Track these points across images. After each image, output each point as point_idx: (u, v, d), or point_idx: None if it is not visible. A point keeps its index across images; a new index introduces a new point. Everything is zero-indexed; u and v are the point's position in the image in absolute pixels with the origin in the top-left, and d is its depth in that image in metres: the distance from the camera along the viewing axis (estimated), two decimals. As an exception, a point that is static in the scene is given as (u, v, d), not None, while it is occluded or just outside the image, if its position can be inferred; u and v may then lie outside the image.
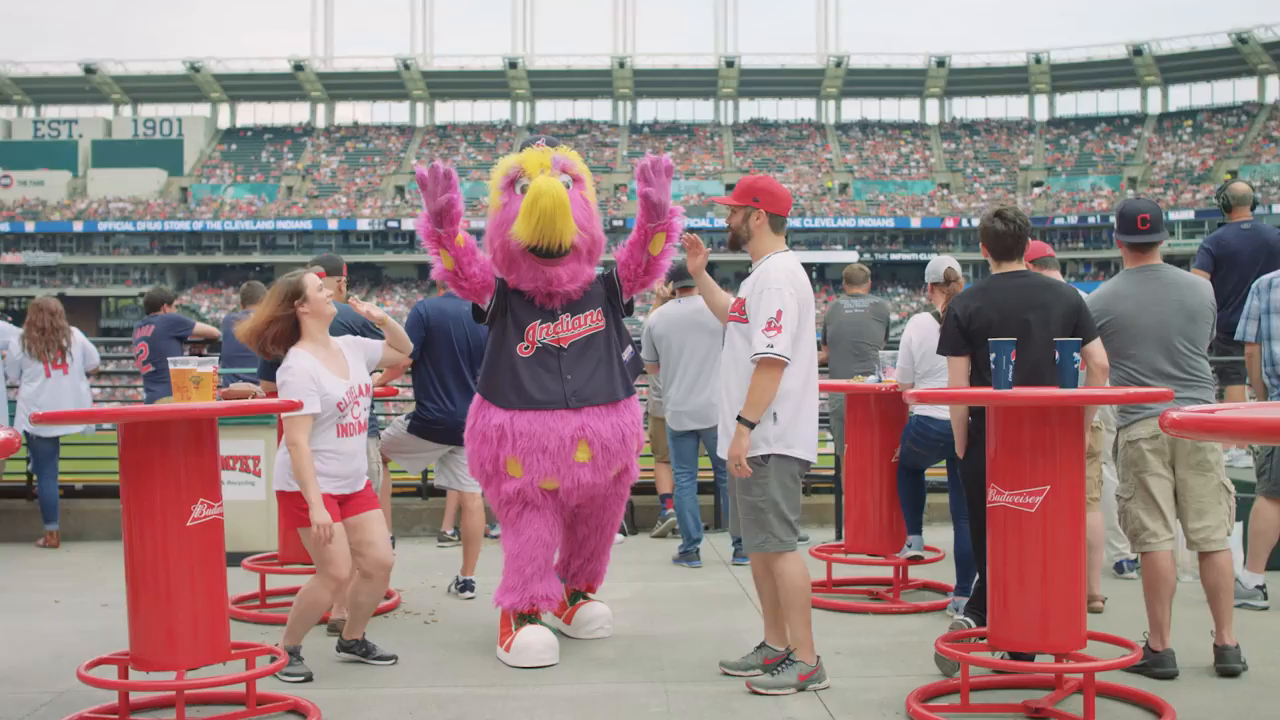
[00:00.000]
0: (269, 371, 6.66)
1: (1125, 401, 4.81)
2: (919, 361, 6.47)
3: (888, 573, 6.98)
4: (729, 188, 76.41)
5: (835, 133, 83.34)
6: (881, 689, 5.11)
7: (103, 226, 75.00)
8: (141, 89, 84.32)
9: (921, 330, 6.46)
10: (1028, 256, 6.62)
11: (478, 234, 5.89)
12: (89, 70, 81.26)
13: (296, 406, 5.00)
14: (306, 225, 74.58)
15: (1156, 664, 5.18)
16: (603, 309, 5.81)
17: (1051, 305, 5.14)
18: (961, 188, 76.07)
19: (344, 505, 5.31)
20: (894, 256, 72.10)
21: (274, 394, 5.95)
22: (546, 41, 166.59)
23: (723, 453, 5.19)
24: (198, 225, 74.77)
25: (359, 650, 5.59)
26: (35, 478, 9.21)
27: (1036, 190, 74.38)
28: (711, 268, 6.14)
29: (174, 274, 74.53)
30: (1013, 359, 4.76)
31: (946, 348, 5.29)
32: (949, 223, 71.27)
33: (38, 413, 4.77)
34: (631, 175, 62.12)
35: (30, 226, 74.82)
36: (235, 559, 7.22)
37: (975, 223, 71.92)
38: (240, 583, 7.09)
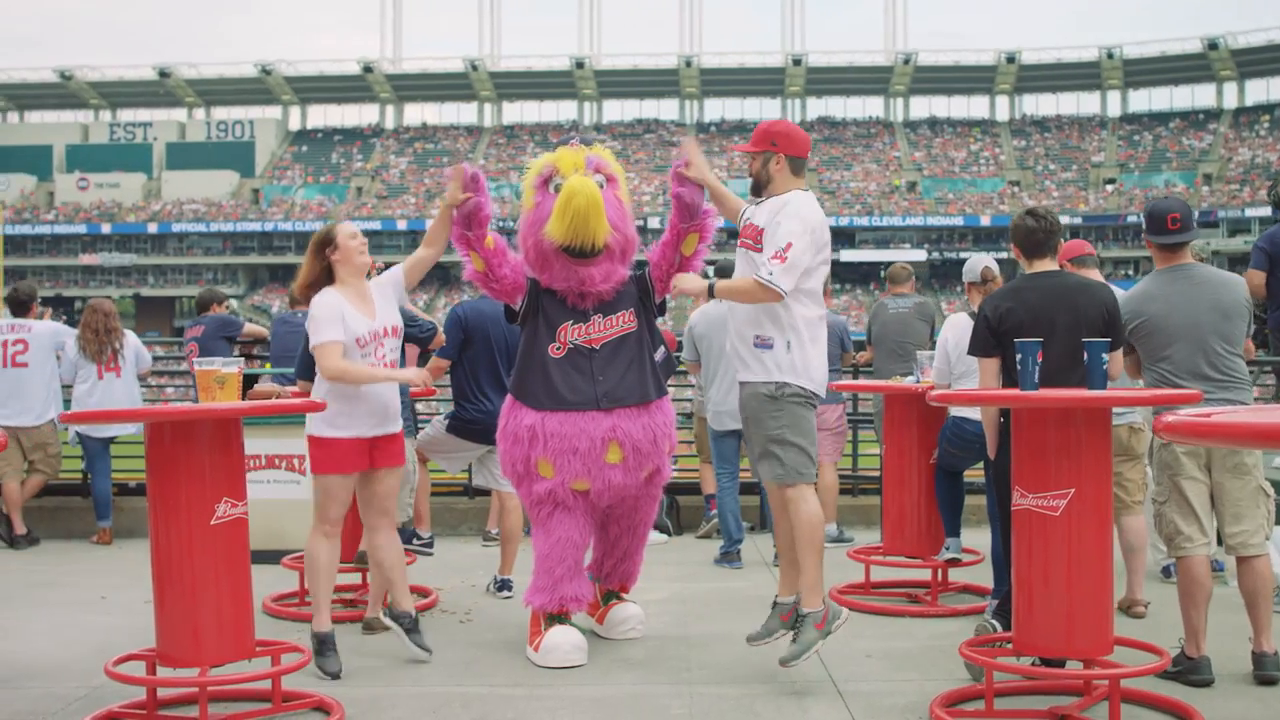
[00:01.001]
0: (306, 372, 6.73)
1: (1152, 403, 4.72)
2: (955, 362, 6.40)
3: (927, 575, 6.91)
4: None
5: (903, 130, 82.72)
6: (908, 693, 5.06)
7: (176, 228, 76.21)
8: (214, 92, 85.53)
9: (958, 330, 6.39)
10: (1065, 254, 6.57)
11: (509, 234, 5.91)
12: (163, 74, 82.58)
13: (319, 408, 5.04)
14: (376, 225, 75.16)
15: (1192, 671, 5.09)
16: (635, 309, 5.79)
17: (1085, 307, 5.06)
18: (1032, 185, 75.16)
19: (373, 454, 5.46)
20: (963, 255, 71.22)
21: (307, 393, 6.04)
22: (613, 41, 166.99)
23: (742, 375, 5.29)
24: (269, 226, 75.70)
25: (404, 623, 5.64)
26: (89, 476, 9.37)
27: (1109, 187, 73.34)
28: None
29: (246, 274, 75.54)
30: (1039, 360, 4.69)
31: (977, 349, 5.22)
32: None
33: (66, 412, 4.85)
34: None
35: (106, 228, 76.21)
36: (276, 557, 7.37)
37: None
38: (280, 581, 7.19)
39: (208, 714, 4.63)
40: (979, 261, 6.74)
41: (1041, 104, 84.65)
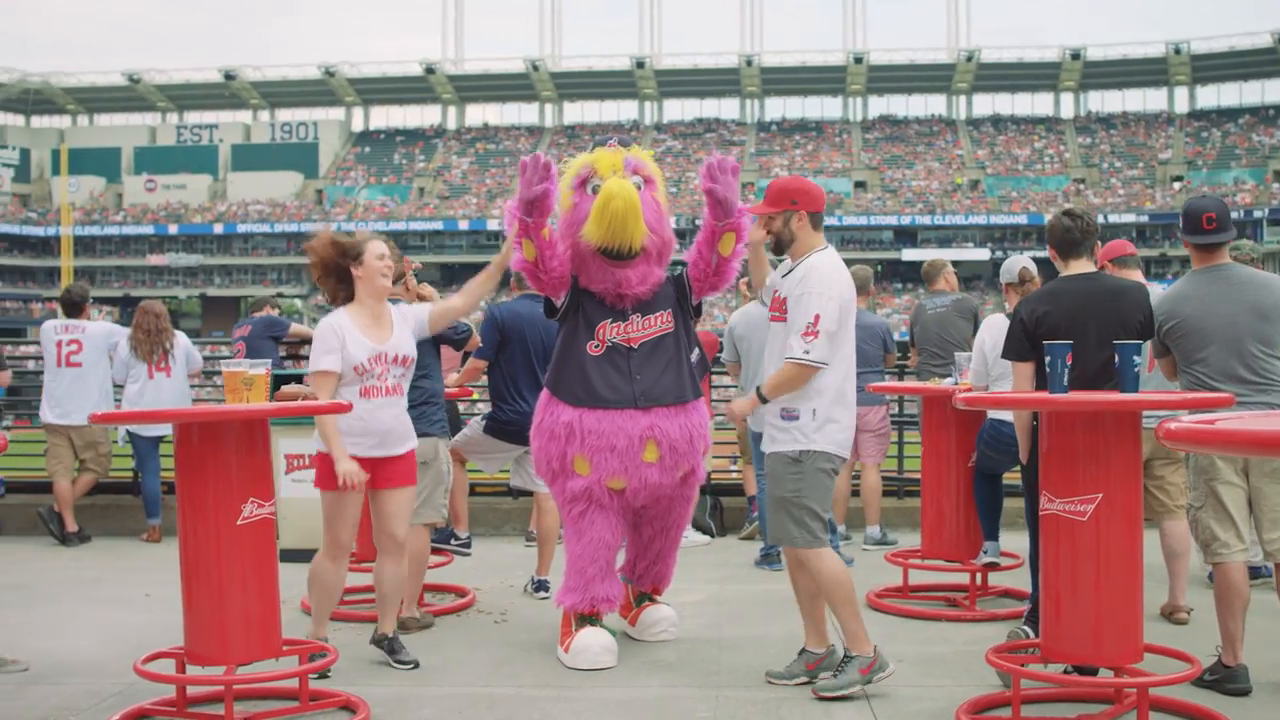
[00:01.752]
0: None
1: (1182, 406, 4.63)
2: (992, 364, 6.32)
3: (966, 579, 6.83)
4: (858, 185, 75.84)
5: (966, 128, 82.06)
6: (937, 699, 5.01)
7: (242, 228, 77.26)
8: (278, 94, 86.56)
9: (995, 331, 6.31)
10: (1106, 254, 6.49)
11: None
12: (228, 76, 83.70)
13: (344, 409, 5.06)
14: (438, 226, 75.82)
15: (1229, 679, 4.99)
16: (673, 311, 5.78)
17: (1125, 311, 4.98)
18: (1097, 183, 74.29)
19: (375, 474, 5.35)
20: (1027, 253, 70.54)
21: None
22: (674, 40, 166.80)
23: (767, 446, 5.22)
24: (332, 227, 75.74)
25: (385, 646, 5.60)
26: (139, 474, 9.51)
27: (1176, 185, 72.30)
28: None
29: (309, 275, 76.06)
30: (1068, 362, 4.62)
31: (1011, 352, 5.15)
32: (1084, 219, 69.58)
33: (96, 413, 4.92)
34: (759, 174, 62.10)
35: (173, 229, 77.41)
36: (307, 555, 7.42)
37: (1112, 219, 70.49)
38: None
39: (234, 712, 4.68)
40: (1016, 262, 6.66)
41: (1107, 100, 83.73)
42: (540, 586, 7.15)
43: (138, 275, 77.12)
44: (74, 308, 9.48)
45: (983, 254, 68.52)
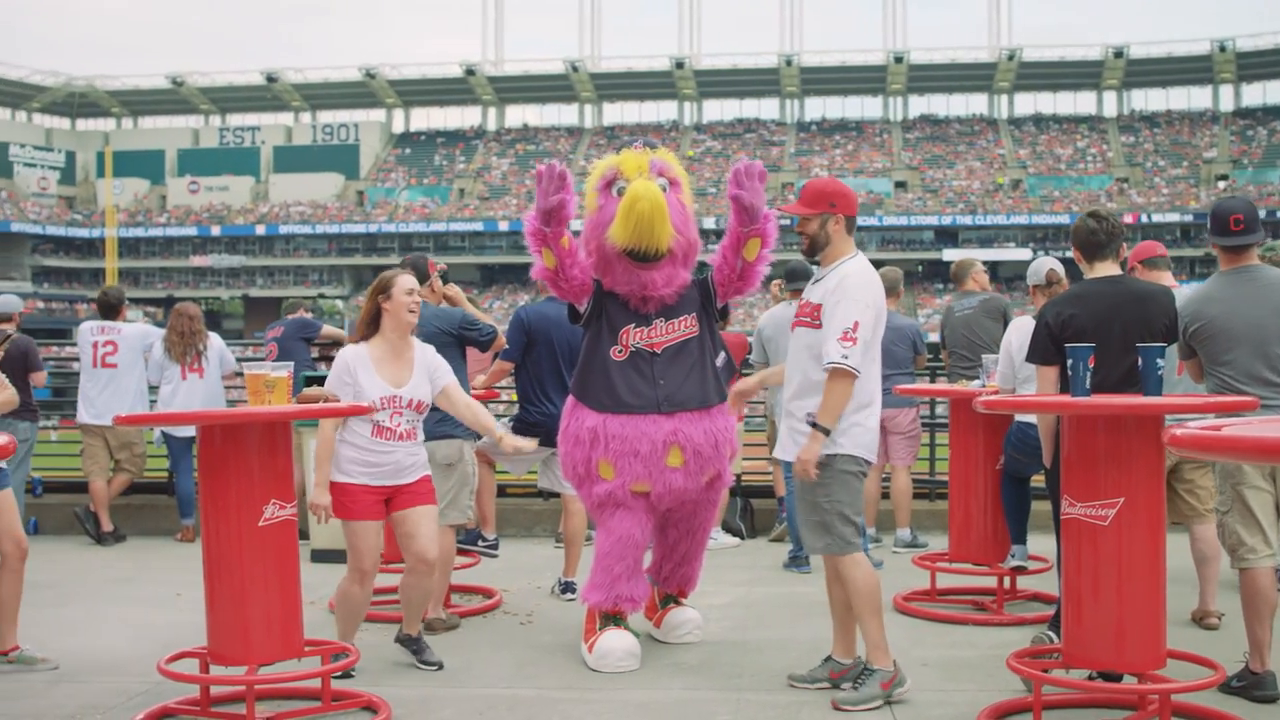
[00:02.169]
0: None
1: (1206, 410, 4.57)
2: (1019, 366, 6.27)
3: (994, 582, 6.78)
4: (899, 185, 75.49)
5: (1008, 127, 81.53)
6: (959, 703, 4.98)
7: (284, 229, 77.76)
8: (320, 96, 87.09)
9: (1022, 333, 6.24)
10: (1137, 256, 6.43)
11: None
12: (270, 79, 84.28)
13: (366, 411, 5.09)
14: (478, 226, 76.06)
15: (1255, 686, 4.94)
16: (697, 314, 5.77)
17: (1150, 315, 4.94)
18: (1141, 182, 73.63)
19: (391, 500, 5.33)
20: (1069, 254, 69.80)
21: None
22: (713, 41, 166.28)
23: (783, 454, 5.18)
24: (373, 228, 76.87)
25: (410, 647, 5.61)
26: (174, 475, 9.59)
27: (1221, 184, 71.51)
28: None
29: (351, 275, 76.73)
30: (1090, 365, 4.59)
31: (1036, 356, 5.12)
32: (1127, 218, 68.83)
33: (120, 414, 4.98)
34: (799, 174, 61.76)
35: (216, 230, 78.04)
36: (337, 556, 7.47)
37: (1155, 218, 69.84)
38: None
39: (257, 711, 4.72)
40: (1044, 264, 6.60)
41: (1151, 99, 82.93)
42: (567, 588, 7.16)
43: (181, 276, 77.81)
44: (111, 309, 9.57)
45: (1024, 254, 67.95)
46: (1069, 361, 4.64)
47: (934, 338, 9.54)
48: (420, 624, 5.66)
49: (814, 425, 4.95)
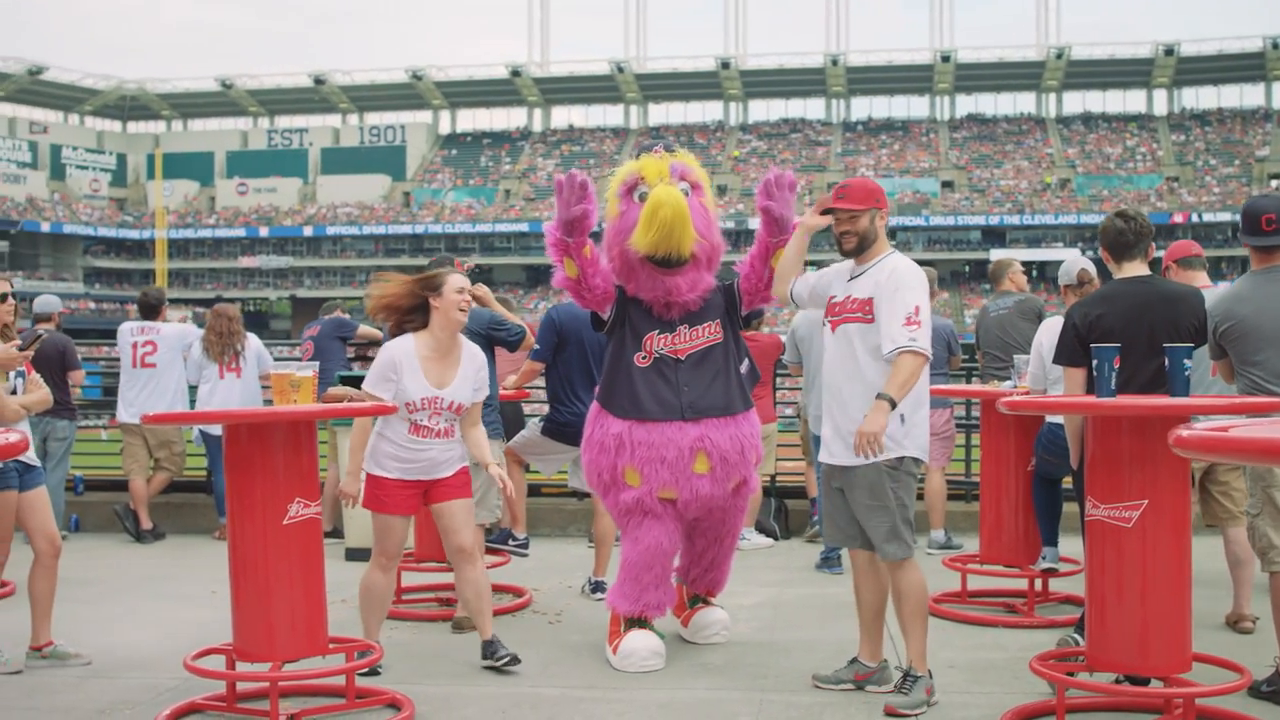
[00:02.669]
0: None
1: (1231, 411, 4.53)
2: (1049, 367, 6.21)
3: (1025, 584, 6.73)
4: (945, 185, 75.02)
5: (1056, 126, 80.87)
6: (984, 706, 4.95)
7: (331, 230, 78.30)
8: (367, 98, 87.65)
9: (1053, 334, 6.15)
10: (1172, 255, 6.37)
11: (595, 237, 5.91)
12: (318, 81, 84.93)
13: (390, 410, 5.12)
14: (523, 227, 76.25)
15: (1286, 689, 4.88)
16: (721, 321, 5.73)
17: (1178, 316, 4.89)
18: (1191, 181, 72.79)
19: (429, 493, 5.39)
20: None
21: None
22: (759, 41, 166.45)
23: (829, 457, 5.09)
24: (419, 229, 77.26)
25: (484, 651, 5.55)
26: (212, 473, 9.69)
27: (1274, 183, 70.57)
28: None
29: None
30: (1115, 366, 4.55)
31: (1063, 357, 5.07)
32: (1178, 217, 68.11)
33: (147, 413, 5.04)
34: (845, 174, 61.51)
35: (264, 231, 78.72)
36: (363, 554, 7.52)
37: (1206, 217, 68.97)
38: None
39: (283, 708, 4.77)
40: (1075, 263, 6.55)
41: (1202, 97, 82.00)
42: (597, 587, 7.18)
43: (229, 277, 78.54)
44: (151, 310, 9.68)
45: (1072, 253, 67.26)
46: (1094, 362, 4.60)
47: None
48: (490, 627, 5.57)
49: (882, 397, 4.75)
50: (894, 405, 4.75)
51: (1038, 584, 6.67)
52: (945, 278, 66.19)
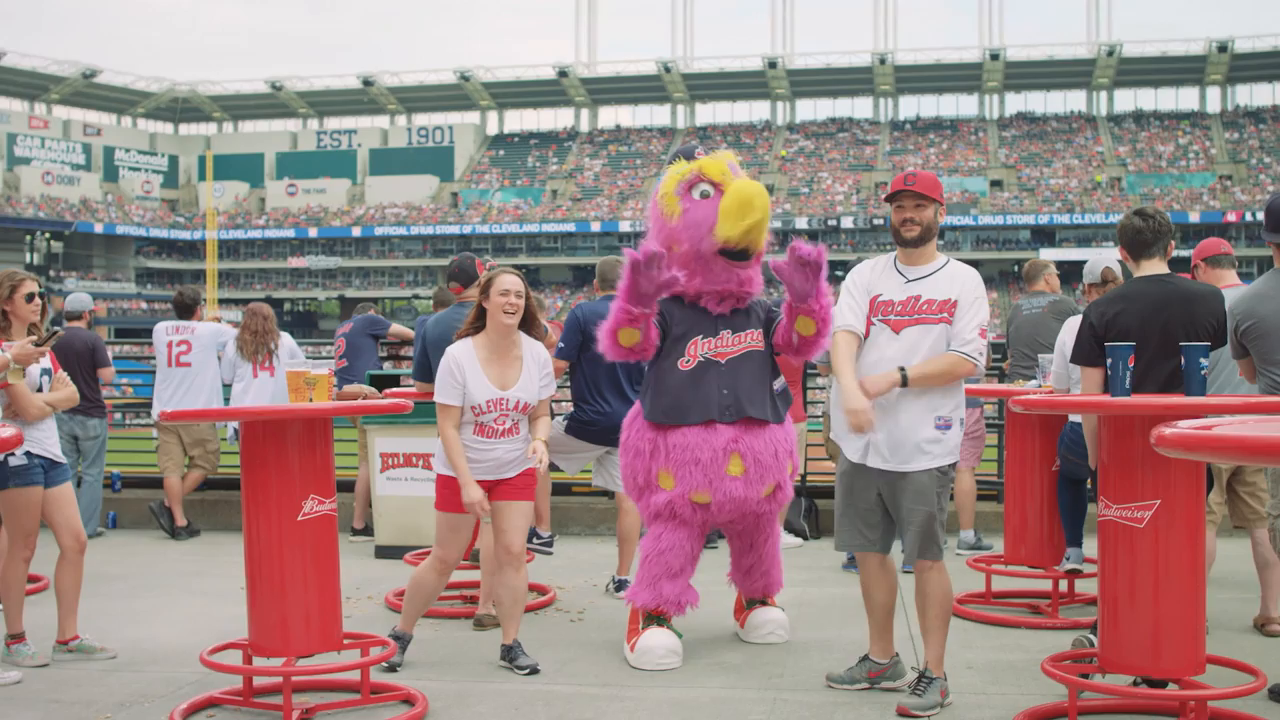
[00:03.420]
0: (423, 373, 6.91)
1: (1246, 411, 4.47)
2: (1074, 366, 6.17)
3: (1049, 585, 6.68)
4: (994, 184, 74.47)
5: (1107, 124, 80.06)
6: (998, 707, 4.92)
7: (379, 231, 78.80)
8: (415, 99, 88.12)
9: (1075, 333, 6.16)
10: (1200, 254, 6.30)
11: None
12: (367, 82, 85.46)
13: (403, 409, 5.18)
14: (570, 228, 76.42)
15: (1306, 693, 4.82)
16: (761, 331, 5.75)
17: (1196, 315, 4.84)
18: (1245, 179, 71.82)
19: (491, 492, 5.42)
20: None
21: (426, 395, 6.21)
22: (806, 40, 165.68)
23: (887, 460, 4.94)
24: (467, 229, 77.57)
25: (505, 655, 5.59)
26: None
27: (1330, 180, 69.62)
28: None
29: (445, 276, 77.41)
30: (1130, 365, 4.51)
31: (1080, 357, 5.04)
32: (1231, 216, 67.26)
33: (165, 410, 5.10)
34: (892, 173, 60.48)
35: (313, 232, 79.33)
36: (400, 552, 7.59)
37: (1260, 216, 67.65)
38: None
39: (299, 702, 4.81)
40: (1099, 262, 6.49)
41: (1256, 94, 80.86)
42: (620, 586, 7.19)
43: (279, 278, 79.21)
44: (186, 310, 9.79)
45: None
46: (1108, 361, 4.56)
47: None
48: (515, 632, 5.60)
49: (902, 370, 4.76)
50: (905, 383, 4.75)
51: (1062, 585, 6.62)
52: (993, 277, 65.71)
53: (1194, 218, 68.10)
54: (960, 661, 5.57)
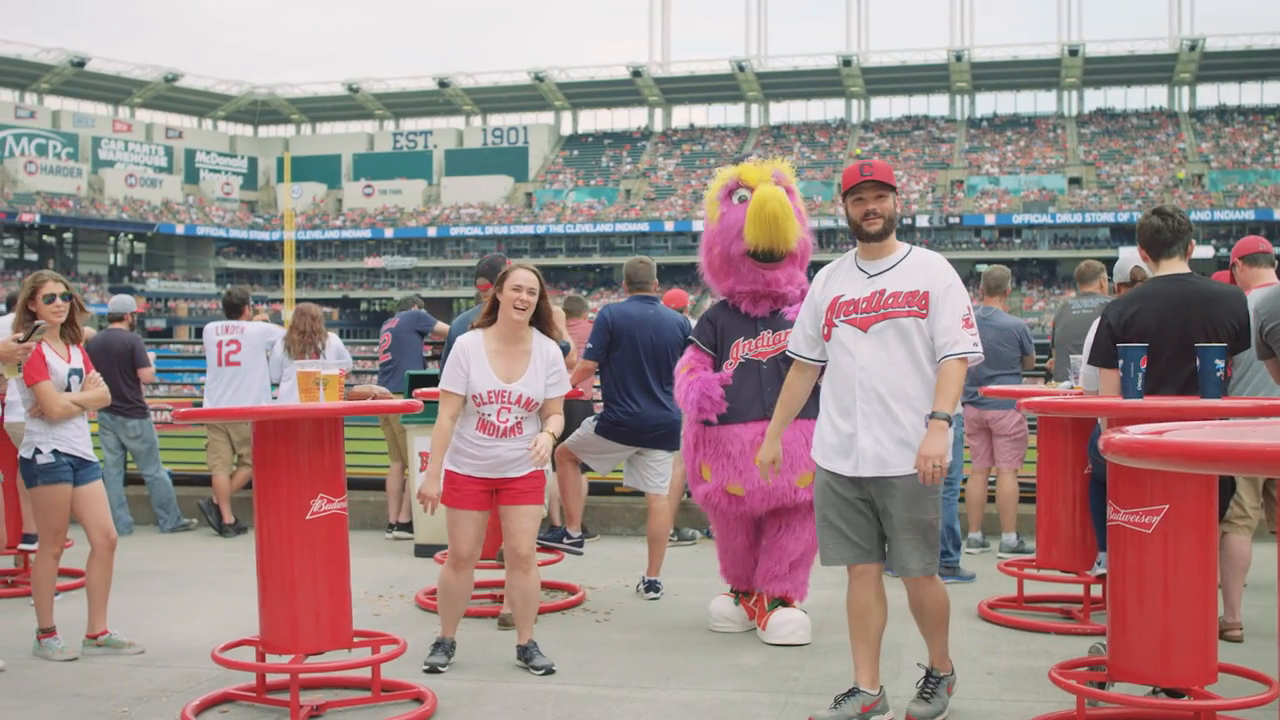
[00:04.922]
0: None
1: (1260, 414, 4.36)
2: (1102, 367, 6.06)
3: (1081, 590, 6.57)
4: (1073, 181, 73.42)
5: (1189, 120, 78.64)
6: (1011, 713, 4.85)
7: (454, 231, 79.49)
8: (490, 100, 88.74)
9: (1105, 334, 6.05)
10: (1238, 252, 6.17)
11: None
12: (442, 84, 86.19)
13: (414, 408, 5.19)
14: (644, 227, 76.52)
15: (1329, 704, 4.69)
16: None
17: (1216, 316, 4.72)
18: (1332, 175, 70.23)
19: (499, 493, 5.44)
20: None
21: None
22: (881, 37, 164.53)
23: (882, 469, 4.56)
24: (541, 229, 77.99)
25: (520, 656, 5.58)
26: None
27: None
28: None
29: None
30: (1142, 366, 4.42)
31: (1097, 358, 4.96)
32: (1317, 213, 65.82)
33: (179, 409, 5.16)
34: (968, 172, 59.94)
35: (389, 232, 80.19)
36: (438, 550, 7.62)
37: (1347, 212, 66.40)
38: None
39: (310, 699, 4.86)
40: (1129, 261, 6.37)
41: (1345, 88, 79.03)
42: (650, 587, 7.19)
43: (356, 278, 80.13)
44: (234, 309, 9.92)
45: (1206, 251, 65.29)
46: (1120, 362, 4.48)
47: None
48: (530, 633, 5.60)
49: (937, 416, 4.40)
50: (949, 421, 4.43)
51: (1095, 589, 6.50)
52: (1071, 276, 64.79)
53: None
54: (982, 667, 5.50)
